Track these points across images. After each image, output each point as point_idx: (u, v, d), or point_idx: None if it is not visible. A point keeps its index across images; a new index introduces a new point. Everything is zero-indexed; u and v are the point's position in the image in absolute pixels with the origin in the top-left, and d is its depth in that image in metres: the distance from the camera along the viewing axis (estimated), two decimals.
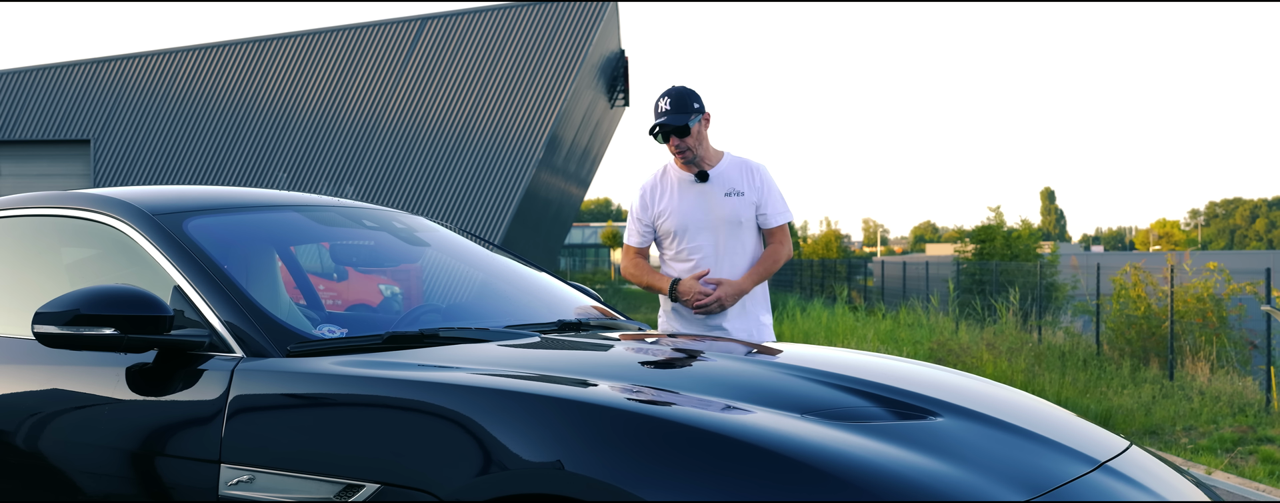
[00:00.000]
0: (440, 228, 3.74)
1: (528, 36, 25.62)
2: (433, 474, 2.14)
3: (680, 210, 4.51)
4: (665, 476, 1.98)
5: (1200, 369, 11.26)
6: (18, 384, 2.77)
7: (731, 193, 4.50)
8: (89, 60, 26.34)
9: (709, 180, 4.50)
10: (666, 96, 4.45)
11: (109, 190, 3.10)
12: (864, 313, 21.03)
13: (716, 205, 4.48)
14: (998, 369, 11.46)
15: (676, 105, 4.42)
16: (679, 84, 4.50)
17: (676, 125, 4.39)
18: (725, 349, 3.10)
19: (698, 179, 4.50)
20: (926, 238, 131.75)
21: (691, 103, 4.43)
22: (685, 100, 4.43)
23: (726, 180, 4.52)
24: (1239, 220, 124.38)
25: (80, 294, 2.53)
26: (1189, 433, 8.33)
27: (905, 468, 2.04)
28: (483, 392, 2.24)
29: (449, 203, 25.39)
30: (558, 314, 3.31)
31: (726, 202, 4.49)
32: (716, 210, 4.48)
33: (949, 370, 3.03)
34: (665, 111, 4.42)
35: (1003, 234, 21.64)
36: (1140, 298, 13.10)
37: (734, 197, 4.49)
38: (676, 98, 4.43)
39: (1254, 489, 6.28)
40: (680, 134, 4.41)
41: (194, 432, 2.44)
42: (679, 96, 4.43)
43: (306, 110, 25.77)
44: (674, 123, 4.40)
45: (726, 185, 4.51)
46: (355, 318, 3.37)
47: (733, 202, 4.49)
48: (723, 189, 4.50)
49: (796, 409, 2.27)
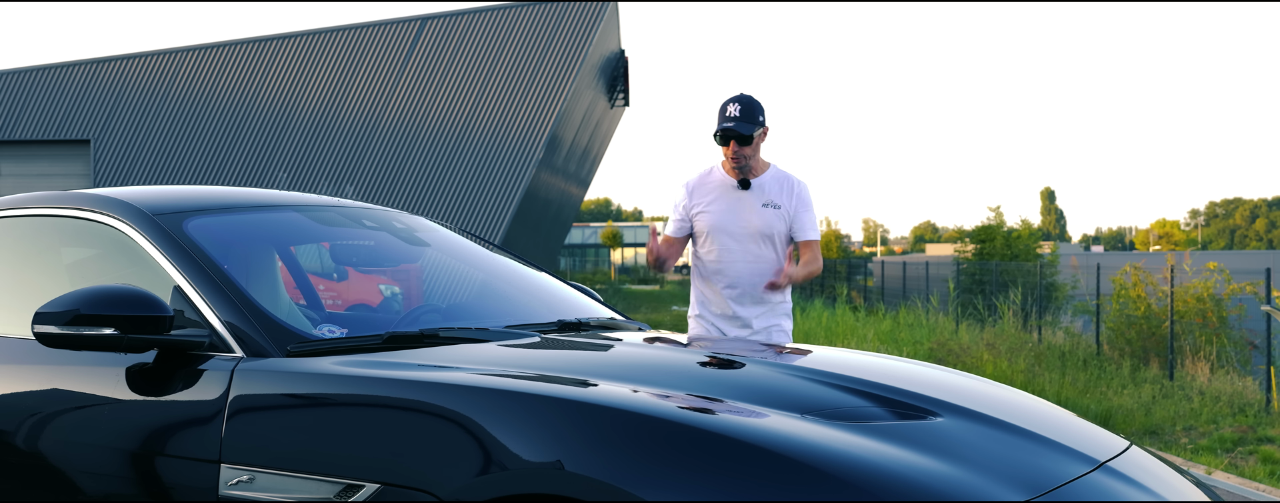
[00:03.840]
0: (440, 228, 3.74)
1: (528, 36, 25.62)
2: (433, 474, 2.14)
3: (715, 212, 4.65)
4: (665, 476, 1.98)
5: (1200, 369, 11.26)
6: (18, 384, 2.77)
7: (769, 204, 4.64)
8: (89, 60, 26.34)
9: (750, 189, 4.64)
10: (737, 103, 4.57)
11: (109, 190, 3.10)
12: (864, 313, 21.03)
13: (752, 214, 4.62)
14: (998, 369, 11.46)
15: (745, 114, 4.55)
16: (747, 93, 4.64)
17: (743, 134, 4.52)
18: (725, 350, 3.10)
19: (740, 186, 4.65)
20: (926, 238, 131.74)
21: (758, 115, 4.57)
22: (753, 111, 4.57)
23: (766, 192, 4.65)
24: (1239, 220, 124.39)
25: (80, 294, 2.53)
26: (1189, 433, 8.33)
27: (905, 468, 2.04)
28: (483, 392, 2.24)
29: (449, 203, 25.39)
30: (558, 314, 3.31)
31: (762, 212, 4.63)
32: (750, 219, 4.62)
33: (949, 371, 3.03)
34: (734, 118, 4.54)
35: (1003, 234, 21.63)
36: (1140, 298, 13.10)
37: (770, 208, 4.63)
38: (746, 106, 4.56)
39: (1254, 489, 6.28)
40: (742, 142, 4.54)
41: (194, 432, 2.44)
42: (748, 106, 4.56)
43: (306, 110, 25.77)
44: (742, 130, 4.53)
45: (765, 197, 4.64)
46: (355, 318, 3.37)
47: (768, 213, 4.63)
48: (761, 200, 4.64)
49: (797, 409, 2.27)
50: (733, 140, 4.54)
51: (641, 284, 48.45)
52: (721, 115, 4.59)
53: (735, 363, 2.76)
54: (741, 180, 4.63)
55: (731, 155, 4.57)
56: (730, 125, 4.53)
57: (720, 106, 4.62)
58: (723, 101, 4.63)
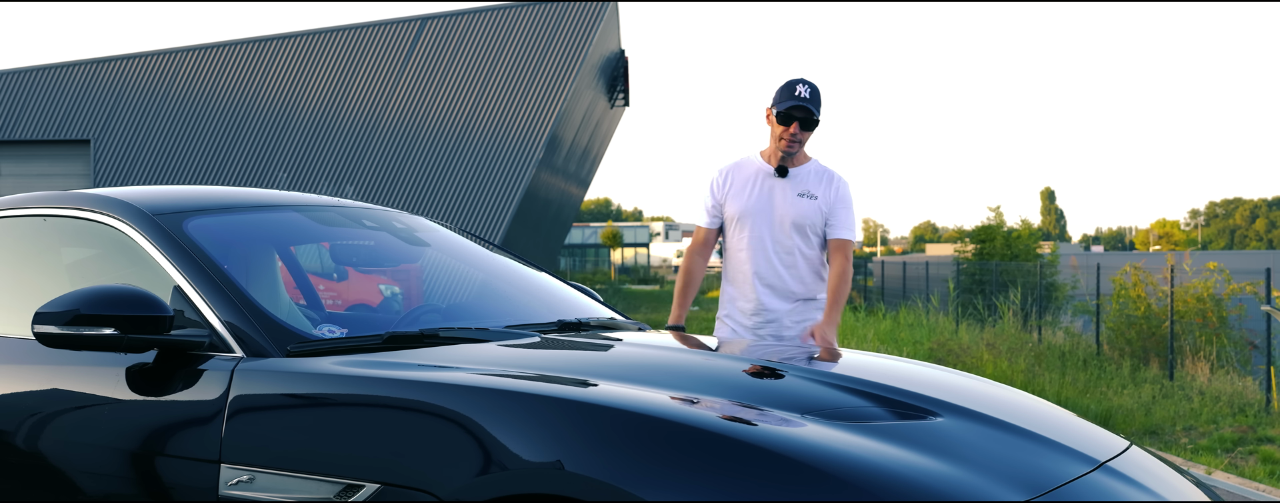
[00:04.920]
0: (440, 228, 3.73)
1: (528, 36, 25.62)
2: (433, 474, 2.14)
3: (748, 199, 4.48)
4: (665, 476, 1.98)
5: (1200, 369, 11.26)
6: (18, 384, 2.77)
7: (805, 194, 4.47)
8: (89, 60, 26.34)
9: (787, 177, 4.47)
10: (805, 85, 4.38)
11: (109, 190, 3.10)
12: (864, 313, 21.03)
13: (787, 203, 4.45)
14: (998, 369, 11.46)
15: (814, 98, 4.39)
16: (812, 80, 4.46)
17: (812, 114, 4.37)
18: (725, 350, 3.11)
19: (777, 174, 4.47)
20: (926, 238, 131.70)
21: (821, 103, 4.43)
22: (819, 96, 4.42)
23: (804, 182, 4.48)
24: (1239, 220, 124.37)
25: (80, 294, 2.53)
26: (1189, 433, 8.33)
27: (905, 468, 2.04)
28: (483, 392, 2.24)
29: (449, 203, 25.39)
30: (558, 314, 3.30)
31: (798, 202, 4.45)
32: (784, 208, 4.45)
33: (949, 371, 3.03)
34: (806, 98, 4.36)
35: (1003, 234, 21.63)
36: (1140, 298, 13.11)
37: (807, 198, 4.46)
38: (815, 91, 4.40)
39: (1254, 489, 6.28)
40: (806, 125, 4.37)
41: (194, 432, 2.44)
42: (816, 89, 4.41)
43: (306, 110, 25.77)
44: (812, 109, 4.37)
45: (802, 186, 4.48)
46: (355, 318, 3.37)
47: (804, 203, 4.45)
48: (797, 189, 4.47)
49: (797, 409, 2.27)
50: (797, 121, 4.35)
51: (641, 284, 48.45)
52: (789, 93, 4.36)
53: (735, 363, 2.76)
54: (779, 168, 4.45)
55: (790, 136, 4.37)
56: (805, 101, 4.33)
57: (784, 86, 4.40)
58: (788, 81, 4.40)
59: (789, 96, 4.36)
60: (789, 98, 4.36)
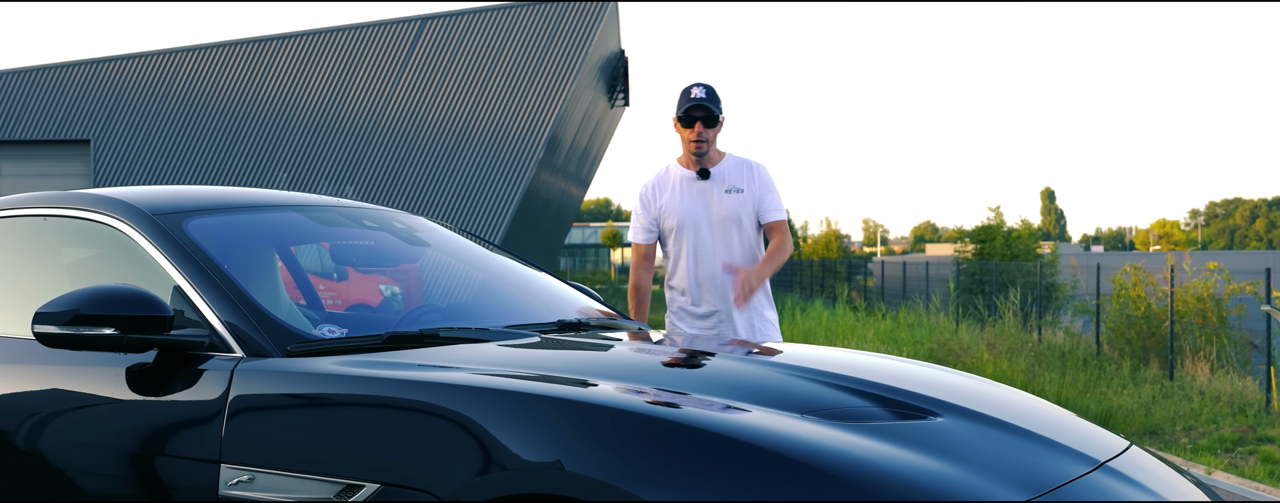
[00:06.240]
0: (440, 228, 3.73)
1: (528, 36, 25.62)
2: (433, 474, 2.14)
3: (682, 207, 4.61)
4: (665, 476, 1.98)
5: (1200, 369, 11.26)
6: (18, 384, 2.77)
7: (732, 190, 4.60)
8: (89, 60, 26.34)
9: (710, 178, 4.60)
10: (701, 87, 4.57)
11: (109, 190, 3.10)
12: (864, 313, 21.03)
13: (717, 203, 4.58)
14: (998, 369, 11.46)
15: (711, 97, 4.55)
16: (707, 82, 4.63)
17: (712, 111, 4.51)
18: (725, 349, 3.10)
19: (700, 177, 4.60)
20: (926, 238, 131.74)
21: (720, 100, 4.59)
22: (716, 95, 4.58)
23: (727, 178, 4.62)
24: (1239, 220, 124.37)
25: (80, 294, 2.53)
26: (1189, 433, 8.33)
27: (905, 468, 2.04)
28: (483, 392, 2.24)
29: (449, 203, 25.39)
30: (558, 314, 3.30)
31: (727, 199, 4.58)
32: (717, 208, 4.58)
33: (949, 370, 3.02)
34: (700, 98, 4.52)
35: (1003, 234, 21.63)
36: (1140, 298, 13.10)
37: (734, 194, 4.59)
38: (710, 90, 4.57)
39: (1254, 489, 6.28)
40: (708, 122, 4.52)
41: (194, 432, 2.44)
42: (711, 90, 4.58)
43: (306, 110, 25.77)
44: (711, 107, 4.51)
45: (727, 183, 4.61)
46: (355, 318, 3.36)
47: (733, 199, 4.59)
48: (723, 187, 4.60)
49: (796, 409, 2.27)
50: (698, 121, 4.50)
51: None
52: (686, 97, 4.55)
53: (735, 363, 2.76)
54: (700, 171, 4.58)
55: (695, 137, 4.52)
56: (701, 100, 4.50)
57: (682, 91, 4.59)
58: (684, 87, 4.60)
59: (686, 100, 4.56)
60: (686, 101, 4.55)
